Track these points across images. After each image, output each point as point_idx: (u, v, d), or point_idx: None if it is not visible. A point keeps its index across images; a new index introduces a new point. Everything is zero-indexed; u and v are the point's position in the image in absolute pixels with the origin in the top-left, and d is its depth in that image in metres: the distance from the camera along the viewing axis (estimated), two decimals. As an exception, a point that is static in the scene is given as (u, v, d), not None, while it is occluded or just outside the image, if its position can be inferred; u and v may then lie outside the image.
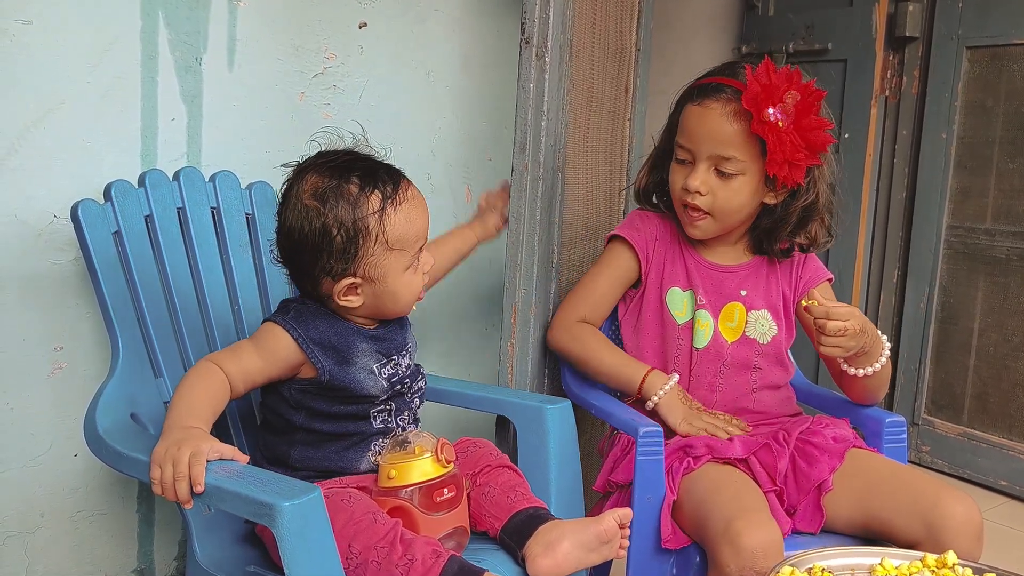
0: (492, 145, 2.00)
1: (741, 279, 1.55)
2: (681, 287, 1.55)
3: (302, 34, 1.68)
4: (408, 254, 1.27)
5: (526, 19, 1.57)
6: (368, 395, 1.29)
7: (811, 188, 1.48)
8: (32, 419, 1.48)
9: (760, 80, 1.39)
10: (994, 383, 2.49)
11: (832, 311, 1.36)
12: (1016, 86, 2.40)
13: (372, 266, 1.25)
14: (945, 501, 1.30)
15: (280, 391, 1.29)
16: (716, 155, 1.44)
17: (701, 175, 1.45)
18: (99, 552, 1.57)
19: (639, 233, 1.57)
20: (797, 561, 1.13)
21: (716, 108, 1.43)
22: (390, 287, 1.27)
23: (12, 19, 1.37)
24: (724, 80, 1.45)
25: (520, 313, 1.63)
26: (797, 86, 1.40)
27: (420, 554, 1.10)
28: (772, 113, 1.38)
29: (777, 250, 1.55)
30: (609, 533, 1.20)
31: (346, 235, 1.22)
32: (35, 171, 1.42)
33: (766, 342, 1.54)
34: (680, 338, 1.54)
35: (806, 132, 1.40)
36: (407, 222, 1.25)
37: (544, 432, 1.43)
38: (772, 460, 1.43)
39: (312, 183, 1.24)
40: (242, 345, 1.27)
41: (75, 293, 1.49)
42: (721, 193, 1.46)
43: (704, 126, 1.44)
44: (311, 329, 1.27)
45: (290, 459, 1.28)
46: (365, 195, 1.23)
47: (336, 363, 1.27)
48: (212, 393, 1.21)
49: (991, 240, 2.47)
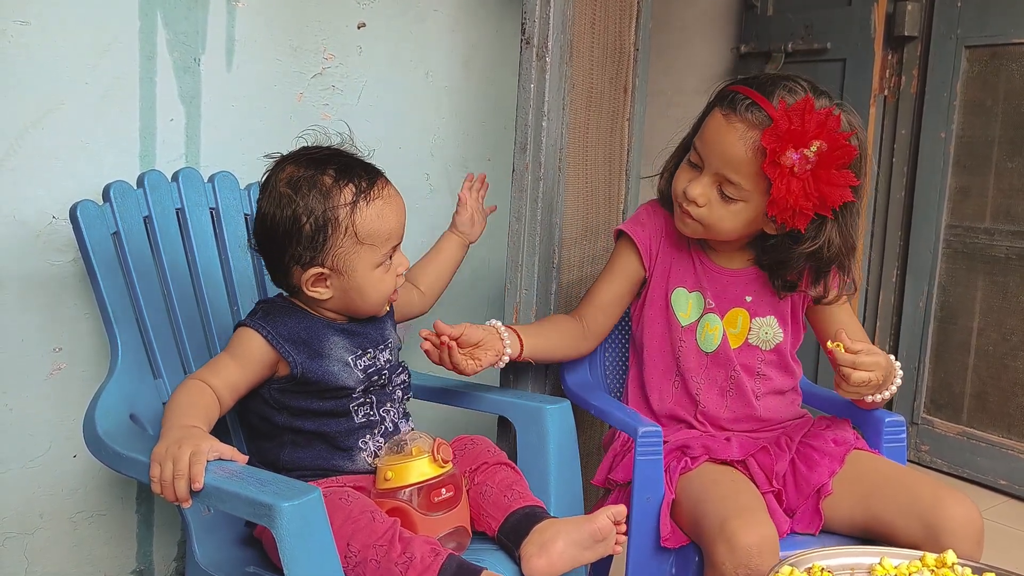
0: (491, 145, 2.00)
1: (746, 284, 1.51)
2: (688, 288, 1.52)
3: (301, 34, 1.68)
4: (379, 251, 1.28)
5: (526, 19, 1.57)
6: (343, 387, 1.29)
7: (817, 236, 1.39)
8: (31, 420, 1.47)
9: (791, 120, 1.30)
10: (993, 382, 2.49)
11: (858, 361, 1.33)
12: (1015, 85, 2.40)
13: (340, 258, 1.26)
14: (945, 503, 1.30)
15: (260, 393, 1.30)
16: (723, 175, 1.38)
17: (703, 187, 1.40)
18: (98, 553, 1.57)
19: (643, 229, 1.55)
20: (796, 561, 1.13)
21: (739, 128, 1.35)
22: (358, 282, 1.28)
23: (10, 20, 1.37)
24: (762, 100, 1.35)
25: (521, 313, 1.63)
26: (828, 136, 1.30)
27: (419, 552, 1.10)
28: (790, 157, 1.30)
29: (779, 284, 1.49)
30: (604, 531, 1.20)
31: (315, 224, 1.24)
32: (34, 172, 1.42)
33: (769, 348, 1.51)
34: (682, 340, 1.51)
35: (823, 184, 1.32)
36: (378, 218, 1.26)
37: (543, 432, 1.43)
38: (770, 462, 1.43)
39: (289, 172, 1.27)
40: (219, 358, 1.29)
41: (74, 294, 1.48)
42: (717, 211, 1.41)
43: (721, 141, 1.37)
44: (280, 326, 1.28)
45: (280, 462, 1.29)
46: (338, 187, 1.25)
47: (308, 357, 1.28)
48: (205, 403, 1.22)
49: (990, 239, 2.47)
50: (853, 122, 1.38)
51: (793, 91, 1.35)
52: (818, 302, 1.50)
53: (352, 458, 1.31)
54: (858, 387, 1.36)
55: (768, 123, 1.33)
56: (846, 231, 1.40)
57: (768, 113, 1.33)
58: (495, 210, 1.66)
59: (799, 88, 1.36)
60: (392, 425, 1.36)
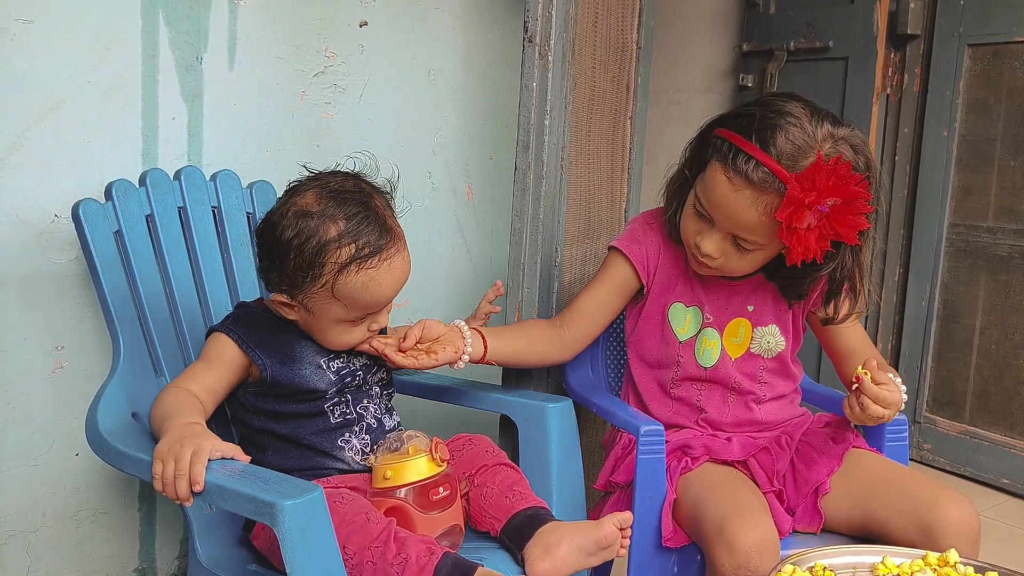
0: (493, 144, 1.99)
1: (748, 294, 1.49)
2: (685, 303, 1.50)
3: (303, 33, 1.68)
4: (352, 313, 1.26)
5: (529, 17, 1.56)
6: (315, 390, 1.29)
7: (830, 261, 1.36)
8: (33, 418, 1.48)
9: (803, 188, 1.25)
10: (996, 381, 2.49)
11: (881, 396, 1.31)
12: (1018, 83, 2.39)
13: (311, 301, 1.25)
14: (942, 504, 1.29)
15: (237, 397, 1.30)
16: (735, 233, 1.35)
17: (716, 243, 1.36)
18: (100, 551, 1.57)
19: (639, 246, 1.51)
20: (799, 559, 1.13)
21: (747, 195, 1.29)
22: (321, 326, 1.28)
23: (13, 18, 1.37)
24: (765, 158, 1.28)
25: (523, 312, 1.63)
26: (843, 192, 1.26)
27: (414, 552, 1.10)
28: (807, 220, 1.26)
29: (790, 296, 1.47)
30: (609, 538, 1.20)
31: (298, 264, 1.23)
32: (36, 170, 1.42)
33: (771, 357, 1.50)
34: (680, 355, 1.49)
35: (838, 225, 1.28)
36: (363, 289, 1.23)
37: (545, 431, 1.43)
38: (771, 461, 1.43)
39: (307, 200, 1.24)
40: (194, 366, 1.29)
41: (76, 292, 1.49)
42: (734, 259, 1.38)
43: (730, 207, 1.31)
44: (251, 331, 1.28)
45: (265, 464, 1.28)
46: (338, 243, 1.22)
47: (278, 361, 1.28)
48: (191, 402, 1.21)
49: (993, 238, 2.47)
50: (859, 146, 1.32)
51: (788, 129, 1.28)
52: (827, 323, 1.48)
53: (337, 457, 1.30)
54: (871, 419, 1.34)
55: (776, 182, 1.27)
56: (860, 254, 1.38)
57: (778, 177, 1.27)
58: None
59: (794, 122, 1.29)
60: (375, 421, 1.35)
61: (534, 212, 1.60)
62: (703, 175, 1.37)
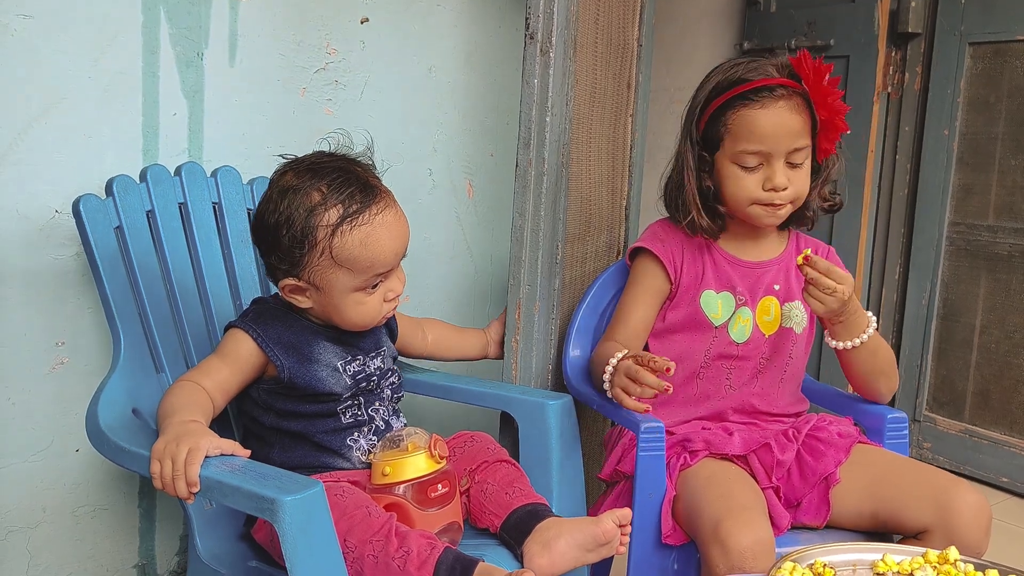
0: (494, 141, 1.99)
1: (774, 274, 1.55)
2: (715, 289, 1.53)
3: (304, 29, 1.68)
4: (360, 276, 1.25)
5: (530, 15, 1.56)
6: (331, 392, 1.29)
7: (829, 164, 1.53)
8: (34, 414, 1.48)
9: (811, 69, 1.45)
10: (996, 380, 2.49)
11: (832, 271, 1.40)
12: (1019, 82, 2.39)
13: (317, 275, 1.25)
14: (958, 488, 1.33)
15: (249, 393, 1.30)
16: (792, 149, 1.45)
17: (783, 172, 1.45)
18: (101, 547, 1.57)
19: (664, 245, 1.54)
20: (799, 557, 1.13)
21: (784, 105, 1.45)
22: (334, 301, 1.27)
23: (13, 14, 1.37)
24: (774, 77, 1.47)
25: (524, 309, 1.63)
26: (821, 66, 1.46)
27: (415, 546, 1.11)
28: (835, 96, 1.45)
29: (808, 218, 1.56)
30: (608, 535, 1.20)
31: (292, 239, 1.23)
32: (37, 166, 1.42)
33: (800, 331, 1.55)
34: (715, 337, 1.52)
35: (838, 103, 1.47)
36: (362, 245, 1.23)
37: (546, 427, 1.43)
38: (771, 457, 1.43)
39: (286, 179, 1.26)
40: (209, 360, 1.29)
41: (77, 288, 1.48)
42: (797, 181, 1.47)
43: (782, 124, 1.44)
44: (270, 329, 1.28)
45: (271, 461, 1.28)
46: (324, 206, 1.22)
47: (296, 361, 1.27)
48: (200, 401, 1.22)
49: (993, 237, 2.47)
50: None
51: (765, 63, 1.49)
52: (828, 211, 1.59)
53: (344, 456, 1.31)
54: (824, 294, 1.40)
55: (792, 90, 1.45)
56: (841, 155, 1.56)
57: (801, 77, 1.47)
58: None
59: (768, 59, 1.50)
60: (384, 423, 1.36)
61: (535, 209, 1.60)
62: (728, 133, 1.47)
